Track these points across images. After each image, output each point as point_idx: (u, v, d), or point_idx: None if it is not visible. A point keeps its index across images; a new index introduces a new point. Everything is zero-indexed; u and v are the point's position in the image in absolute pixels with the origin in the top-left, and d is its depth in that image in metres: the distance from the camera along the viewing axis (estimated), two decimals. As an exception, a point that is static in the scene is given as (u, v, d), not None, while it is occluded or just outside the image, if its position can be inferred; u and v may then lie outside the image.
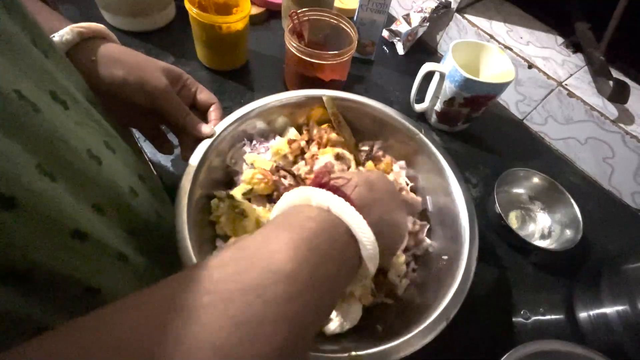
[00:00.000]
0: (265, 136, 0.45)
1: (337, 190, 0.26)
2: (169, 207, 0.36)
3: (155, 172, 0.48)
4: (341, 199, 0.25)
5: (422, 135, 0.43)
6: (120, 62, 0.34)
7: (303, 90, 0.45)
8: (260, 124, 0.44)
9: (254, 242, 0.22)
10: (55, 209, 0.20)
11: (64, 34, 0.31)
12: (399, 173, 0.45)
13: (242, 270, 0.19)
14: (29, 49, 0.22)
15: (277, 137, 0.46)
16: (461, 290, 0.33)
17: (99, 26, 0.34)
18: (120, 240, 0.26)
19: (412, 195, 0.44)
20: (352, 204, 0.25)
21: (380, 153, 0.47)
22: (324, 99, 0.44)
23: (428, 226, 0.43)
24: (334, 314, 0.35)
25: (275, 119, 0.45)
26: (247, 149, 0.43)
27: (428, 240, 0.42)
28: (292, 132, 0.46)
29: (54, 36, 0.31)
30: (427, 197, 0.44)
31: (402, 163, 0.46)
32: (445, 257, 0.38)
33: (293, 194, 0.27)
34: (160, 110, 0.36)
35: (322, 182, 0.27)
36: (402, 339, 0.30)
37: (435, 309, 0.31)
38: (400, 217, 0.31)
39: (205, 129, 0.38)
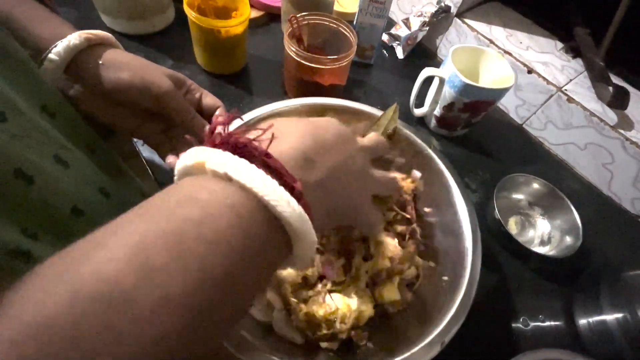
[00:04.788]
0: None
1: (243, 148, 0.20)
2: None
3: (153, 176, 0.48)
4: (243, 161, 0.19)
5: (430, 151, 0.42)
6: (126, 66, 0.34)
7: (316, 98, 0.44)
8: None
9: (93, 237, 0.16)
10: None
11: (71, 39, 0.32)
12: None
13: (63, 272, 0.15)
14: None
15: None
16: (459, 314, 0.32)
17: (107, 34, 0.35)
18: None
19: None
20: (269, 162, 0.19)
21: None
22: (394, 107, 0.41)
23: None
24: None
25: None
26: None
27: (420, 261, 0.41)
28: None
29: (61, 41, 0.31)
30: (432, 220, 0.43)
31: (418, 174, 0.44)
32: (445, 278, 0.37)
33: (185, 158, 0.21)
34: (166, 112, 0.36)
35: (220, 139, 0.20)
36: None
37: (430, 332, 0.31)
38: (363, 162, 0.27)
39: None
